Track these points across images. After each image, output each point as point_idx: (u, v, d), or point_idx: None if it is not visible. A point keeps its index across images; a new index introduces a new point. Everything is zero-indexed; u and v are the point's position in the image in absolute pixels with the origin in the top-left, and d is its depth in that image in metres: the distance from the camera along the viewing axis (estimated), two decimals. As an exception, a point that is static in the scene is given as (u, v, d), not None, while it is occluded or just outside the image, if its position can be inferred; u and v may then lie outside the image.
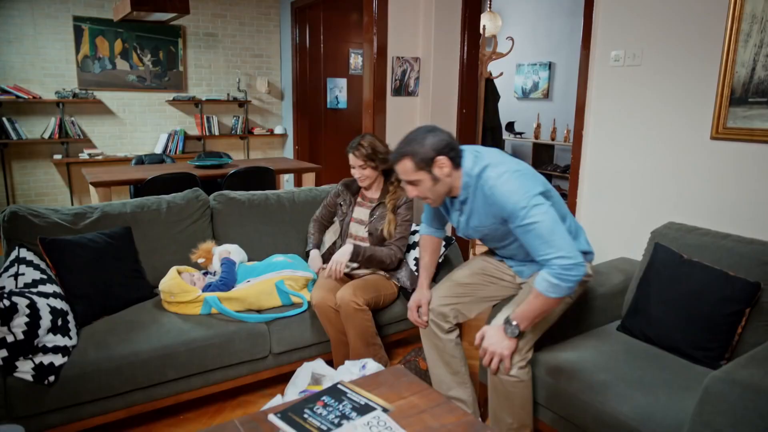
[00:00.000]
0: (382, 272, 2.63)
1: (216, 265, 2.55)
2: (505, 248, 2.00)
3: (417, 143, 1.78)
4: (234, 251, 2.60)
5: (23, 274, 2.05)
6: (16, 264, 2.11)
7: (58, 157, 5.52)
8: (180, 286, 2.32)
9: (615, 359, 1.92)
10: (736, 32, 2.18)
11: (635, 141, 2.67)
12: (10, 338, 1.80)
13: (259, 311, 2.43)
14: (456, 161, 1.80)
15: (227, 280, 2.44)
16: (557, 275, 1.66)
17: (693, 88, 2.40)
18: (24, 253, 2.21)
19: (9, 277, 2.03)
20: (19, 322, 1.81)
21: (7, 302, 1.78)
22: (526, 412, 1.94)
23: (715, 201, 2.36)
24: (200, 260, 2.59)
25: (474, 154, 1.83)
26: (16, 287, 1.98)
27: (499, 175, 1.74)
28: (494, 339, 1.82)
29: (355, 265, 2.60)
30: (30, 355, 1.85)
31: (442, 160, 1.77)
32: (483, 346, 1.84)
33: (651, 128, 2.59)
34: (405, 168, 1.81)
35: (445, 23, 3.61)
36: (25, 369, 1.84)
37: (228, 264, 2.50)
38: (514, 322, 1.78)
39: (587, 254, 1.94)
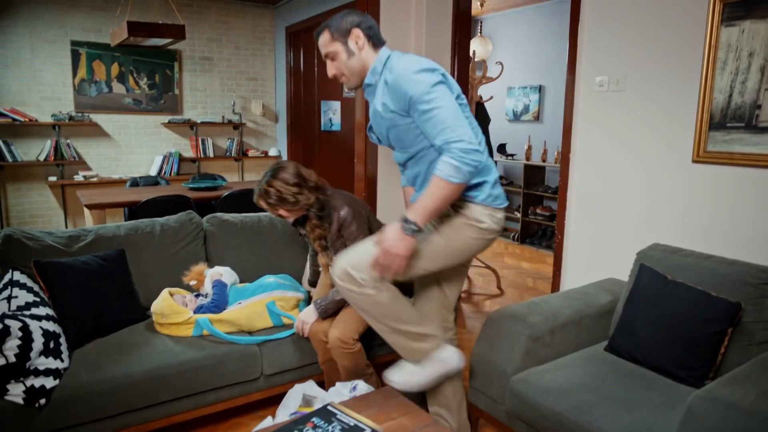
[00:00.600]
0: None
1: (207, 288, 2.57)
2: (417, 161, 1.92)
3: (338, 18, 1.89)
4: (225, 273, 2.62)
5: (16, 297, 2.07)
6: (9, 287, 2.13)
7: (53, 179, 5.55)
8: (171, 308, 2.34)
9: (602, 379, 1.95)
10: (713, 60, 2.27)
11: (621, 164, 2.73)
12: (1, 361, 1.81)
13: (250, 333, 2.44)
14: (373, 40, 1.88)
15: (218, 302, 2.46)
16: (458, 158, 1.67)
17: (675, 113, 2.47)
18: (18, 275, 2.22)
19: (2, 299, 2.04)
20: (11, 345, 1.82)
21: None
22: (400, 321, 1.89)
23: (698, 222, 2.42)
24: (192, 282, 2.61)
25: (392, 50, 1.92)
26: (9, 310, 1.99)
27: (407, 61, 1.79)
28: (391, 238, 1.73)
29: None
30: (21, 378, 1.86)
31: (357, 32, 1.85)
32: (380, 247, 1.75)
33: (636, 151, 2.66)
34: (324, 40, 1.89)
35: (436, 48, 3.69)
36: (16, 392, 1.85)
37: (219, 286, 2.52)
38: (411, 218, 1.71)
39: (482, 185, 1.87)
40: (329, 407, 1.67)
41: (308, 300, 2.72)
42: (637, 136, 2.64)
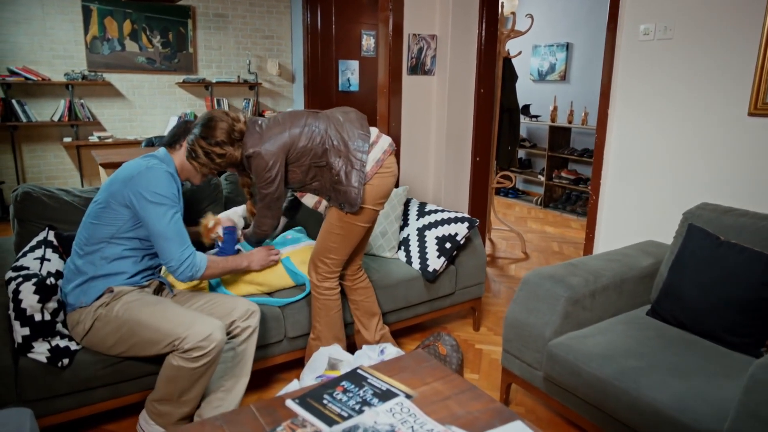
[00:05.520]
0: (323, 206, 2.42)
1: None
2: None
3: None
4: (233, 216, 2.38)
5: (49, 260, 2.01)
6: (43, 246, 2.07)
7: (68, 139, 5.47)
8: None
9: (647, 345, 1.84)
10: (779, 0, 2.06)
11: (665, 119, 2.55)
12: (38, 317, 1.78)
13: (270, 294, 2.36)
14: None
15: (225, 249, 2.25)
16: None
17: (730, 61, 2.27)
18: (51, 236, 2.16)
19: (35, 259, 1.99)
20: (53, 304, 1.83)
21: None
22: None
23: (753, 180, 2.25)
24: (213, 236, 2.40)
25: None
26: (40, 271, 1.93)
27: None
28: None
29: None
30: (48, 337, 1.83)
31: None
32: None
33: (683, 105, 2.47)
34: None
35: (463, 0, 3.47)
36: (41, 350, 1.81)
37: (228, 233, 2.28)
38: None
39: None
40: (359, 371, 1.58)
41: None
42: (687, 89, 2.45)
